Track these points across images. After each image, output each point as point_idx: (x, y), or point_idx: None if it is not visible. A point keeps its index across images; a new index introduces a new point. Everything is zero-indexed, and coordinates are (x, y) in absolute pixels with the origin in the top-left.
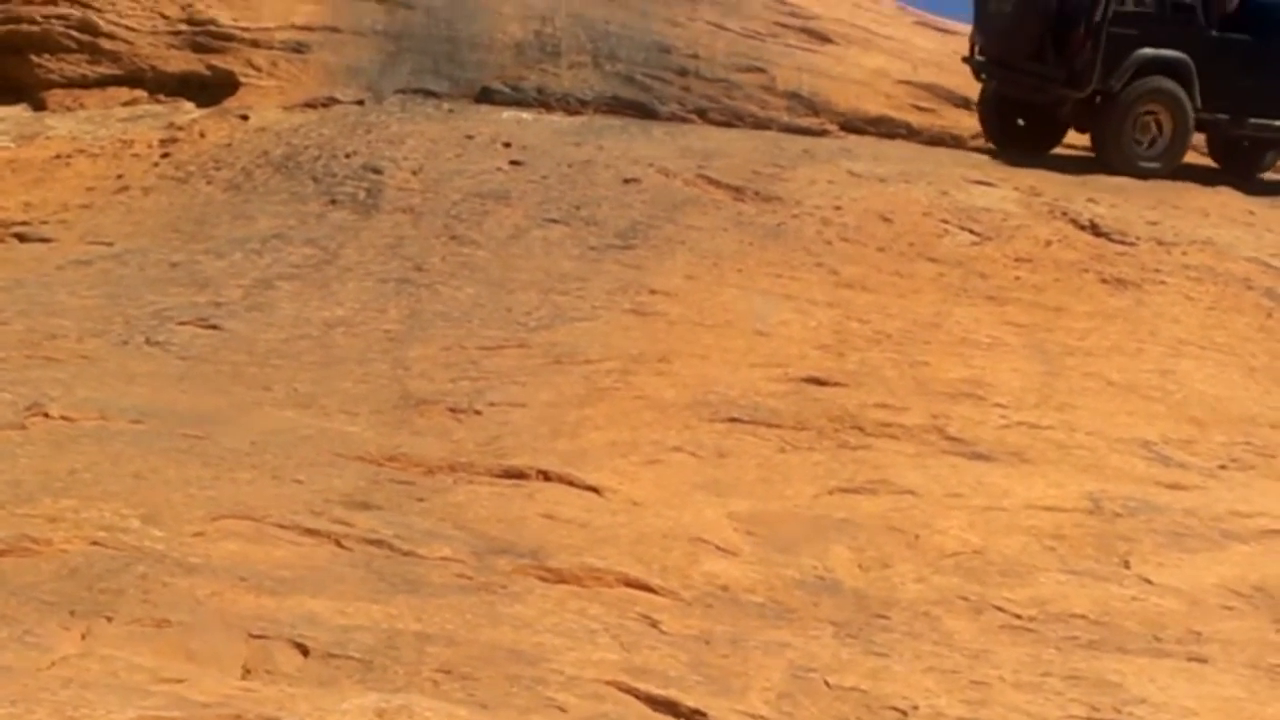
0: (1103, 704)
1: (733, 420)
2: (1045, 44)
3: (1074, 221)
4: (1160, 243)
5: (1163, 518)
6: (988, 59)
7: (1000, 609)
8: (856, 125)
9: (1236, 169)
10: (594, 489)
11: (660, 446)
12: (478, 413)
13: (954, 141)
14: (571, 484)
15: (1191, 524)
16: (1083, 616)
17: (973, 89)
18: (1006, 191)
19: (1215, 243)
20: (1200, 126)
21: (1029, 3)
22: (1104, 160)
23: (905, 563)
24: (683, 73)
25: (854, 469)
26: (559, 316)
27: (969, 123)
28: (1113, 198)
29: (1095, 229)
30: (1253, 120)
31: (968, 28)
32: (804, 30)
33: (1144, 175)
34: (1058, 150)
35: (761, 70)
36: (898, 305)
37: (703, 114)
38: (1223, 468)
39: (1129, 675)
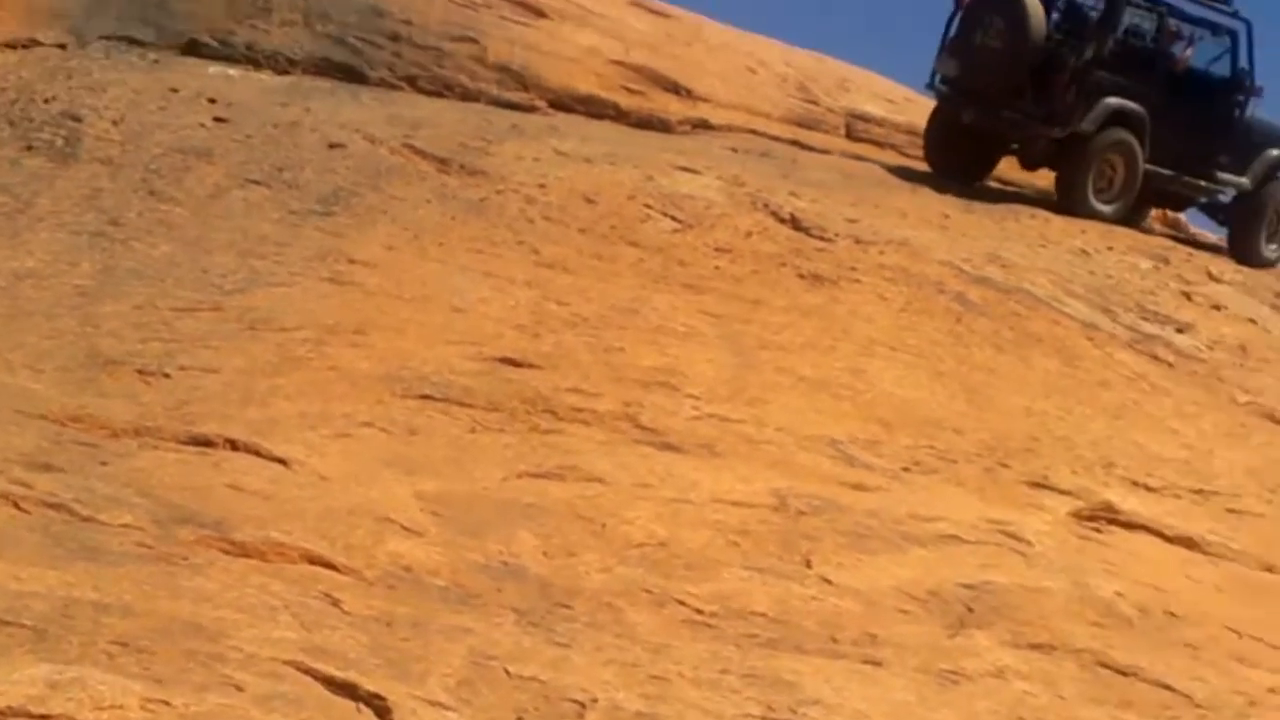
0: (778, 703)
1: (425, 397)
2: (1026, 82)
3: (775, 214)
4: (858, 241)
5: (845, 518)
6: (961, 89)
7: (682, 603)
8: (566, 103)
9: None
10: (281, 460)
11: (351, 420)
12: (167, 376)
13: (661, 125)
14: (259, 454)
15: (873, 525)
16: (763, 614)
17: (680, 74)
18: (710, 180)
19: (911, 244)
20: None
21: (1018, 40)
22: (1063, 199)
23: (591, 552)
24: (395, 38)
25: (544, 454)
26: (255, 281)
27: (677, 107)
28: (814, 192)
29: (795, 223)
30: (1184, 177)
31: (681, 12)
32: (519, 3)
33: (1096, 218)
34: (756, 141)
35: (474, 41)
36: (597, 289)
37: (413, 81)
38: (906, 470)
39: (805, 675)
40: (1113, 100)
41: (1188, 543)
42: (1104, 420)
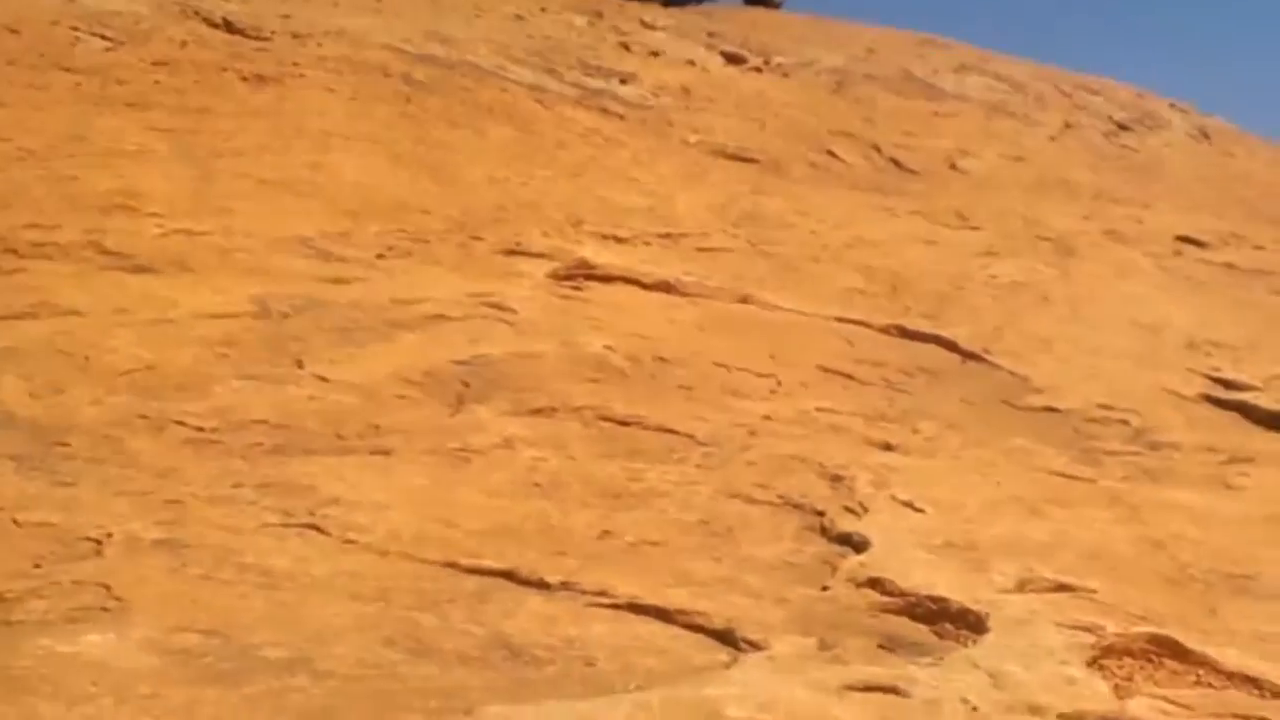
0: (297, 508)
1: None
2: None
3: (207, 20)
4: (295, 36)
5: (330, 314)
6: None
7: (181, 424)
8: None
9: None
10: None
11: None
12: None
13: None
14: None
15: (358, 317)
16: (264, 422)
17: None
18: None
19: (349, 32)
20: None
21: None
22: None
23: (78, 385)
24: None
25: (12, 295)
26: None
27: None
28: None
29: (229, 26)
30: None
31: None
32: None
33: None
34: None
35: None
36: (37, 119)
37: None
38: (381, 257)
39: (318, 476)
40: None
41: (665, 287)
42: (566, 180)
